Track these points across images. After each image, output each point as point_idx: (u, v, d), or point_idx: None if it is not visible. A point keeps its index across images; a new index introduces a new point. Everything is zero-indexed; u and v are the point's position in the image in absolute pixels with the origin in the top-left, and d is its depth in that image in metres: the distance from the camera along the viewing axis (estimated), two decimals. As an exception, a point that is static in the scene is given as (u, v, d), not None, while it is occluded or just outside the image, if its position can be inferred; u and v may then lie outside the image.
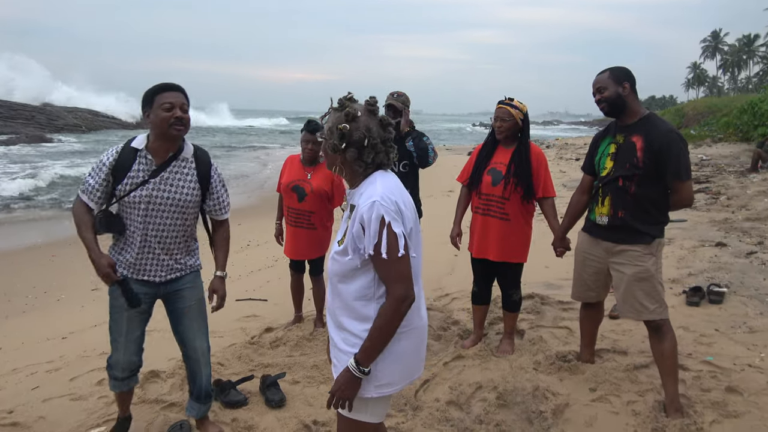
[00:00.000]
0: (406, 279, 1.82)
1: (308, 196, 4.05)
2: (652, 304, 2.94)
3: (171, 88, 2.53)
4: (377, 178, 1.90)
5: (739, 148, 17.03)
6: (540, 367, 3.49)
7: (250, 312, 4.93)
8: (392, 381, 1.93)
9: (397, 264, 1.81)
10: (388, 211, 1.80)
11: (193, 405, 2.91)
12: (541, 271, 5.51)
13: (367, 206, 1.81)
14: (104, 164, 2.56)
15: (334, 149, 1.88)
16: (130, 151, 2.57)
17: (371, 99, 1.94)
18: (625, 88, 2.93)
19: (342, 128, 1.84)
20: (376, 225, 1.79)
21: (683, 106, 39.77)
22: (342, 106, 1.90)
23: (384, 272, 1.83)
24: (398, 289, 1.81)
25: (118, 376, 2.73)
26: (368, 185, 1.89)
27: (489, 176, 3.62)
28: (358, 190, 1.91)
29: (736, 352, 3.62)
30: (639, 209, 2.93)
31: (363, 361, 1.84)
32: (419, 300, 1.97)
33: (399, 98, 4.19)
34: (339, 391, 1.88)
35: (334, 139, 1.87)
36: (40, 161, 20.61)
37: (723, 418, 2.89)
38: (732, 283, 4.94)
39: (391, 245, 1.79)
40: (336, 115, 1.89)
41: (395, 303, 1.81)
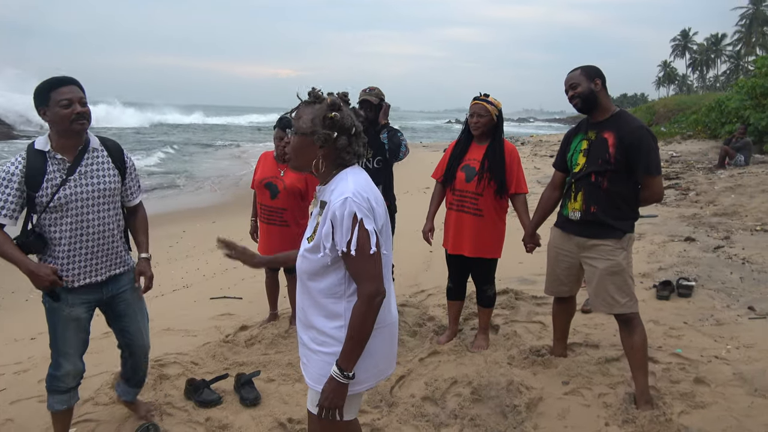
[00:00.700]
0: (377, 276, 1.81)
1: (281, 193, 4.02)
2: (623, 297, 3.00)
3: (65, 82, 2.41)
4: (348, 174, 1.89)
5: (707, 145, 17.43)
6: (514, 362, 3.53)
7: (225, 310, 4.88)
8: (364, 378, 1.92)
9: (369, 261, 1.80)
10: (360, 208, 1.79)
11: (130, 390, 2.95)
12: (515, 266, 5.57)
13: (339, 203, 1.79)
14: (13, 174, 2.38)
15: (326, 140, 1.83)
16: (37, 154, 2.42)
17: (343, 94, 1.93)
18: (597, 85, 2.98)
19: (333, 116, 1.82)
20: (349, 222, 1.77)
21: (654, 104, 40.50)
22: (318, 98, 1.87)
23: (355, 269, 1.82)
24: (369, 287, 1.80)
25: (70, 385, 2.61)
26: (339, 181, 1.87)
27: (462, 173, 3.65)
28: (329, 187, 1.89)
29: (703, 345, 3.71)
30: (611, 205, 2.98)
31: (346, 365, 1.82)
32: (390, 297, 1.96)
33: (372, 93, 4.18)
34: (328, 401, 1.84)
35: (323, 129, 1.82)
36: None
37: (691, 408, 2.96)
38: (700, 276, 5.06)
39: (363, 243, 1.78)
40: (315, 107, 1.85)
41: (367, 300, 1.80)
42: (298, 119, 1.87)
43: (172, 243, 7.95)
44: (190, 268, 6.75)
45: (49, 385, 2.61)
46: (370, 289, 1.80)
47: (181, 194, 13.71)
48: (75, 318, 2.55)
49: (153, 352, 3.78)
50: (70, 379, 2.61)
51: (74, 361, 2.60)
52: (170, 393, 3.27)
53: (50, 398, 2.62)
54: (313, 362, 1.92)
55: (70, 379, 2.61)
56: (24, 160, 2.42)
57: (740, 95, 17.35)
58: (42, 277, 2.34)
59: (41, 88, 2.40)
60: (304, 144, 1.86)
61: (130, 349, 2.84)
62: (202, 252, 7.58)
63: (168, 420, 3.00)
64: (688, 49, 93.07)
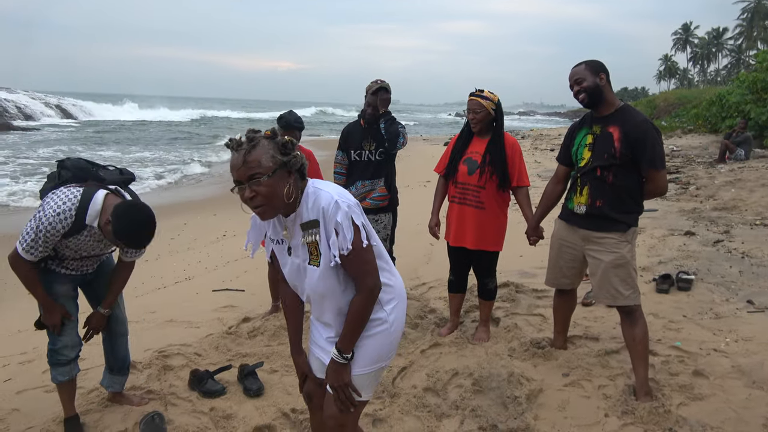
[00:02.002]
0: (374, 269, 1.90)
1: None
2: (627, 290, 3.02)
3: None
4: (310, 187, 1.90)
5: (707, 140, 17.43)
6: (515, 354, 3.56)
7: (227, 302, 4.91)
8: (392, 353, 2.07)
9: (366, 254, 1.88)
10: (350, 206, 1.85)
11: (115, 379, 3.03)
12: (516, 259, 5.60)
13: (332, 208, 1.82)
14: (58, 232, 2.50)
15: (292, 164, 1.83)
16: (82, 222, 2.53)
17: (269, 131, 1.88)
18: (602, 79, 3.00)
19: (289, 140, 1.84)
20: (348, 222, 1.83)
21: (655, 98, 40.44)
22: (254, 138, 1.79)
23: (356, 266, 1.88)
24: (370, 281, 1.89)
25: (69, 356, 2.74)
26: (313, 196, 1.88)
27: (465, 166, 3.67)
28: (304, 207, 1.89)
29: (702, 338, 3.74)
30: (616, 199, 3.00)
31: (346, 348, 1.94)
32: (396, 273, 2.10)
33: (384, 83, 4.17)
34: (337, 380, 1.96)
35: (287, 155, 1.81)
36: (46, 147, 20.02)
37: (690, 400, 2.99)
38: (699, 270, 5.09)
39: (359, 239, 1.85)
40: (261, 146, 1.78)
41: (370, 294, 1.90)
42: (256, 167, 1.76)
43: (173, 235, 7.97)
44: (191, 260, 6.77)
45: (50, 359, 2.76)
46: (369, 282, 1.89)
47: (181, 187, 13.72)
48: (65, 294, 2.75)
49: (157, 344, 3.84)
50: (69, 350, 2.75)
51: (69, 332, 2.75)
52: (174, 384, 3.30)
53: (53, 371, 2.77)
54: (365, 347, 1.98)
55: (69, 350, 2.75)
56: (69, 225, 2.51)
57: (741, 89, 17.33)
58: (52, 318, 2.66)
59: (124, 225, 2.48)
60: (275, 181, 1.79)
61: (115, 328, 2.95)
62: (204, 244, 7.60)
63: (172, 410, 3.03)
64: (690, 43, 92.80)
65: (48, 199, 2.53)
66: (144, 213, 2.51)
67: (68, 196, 2.52)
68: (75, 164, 2.74)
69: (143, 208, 2.53)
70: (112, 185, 2.71)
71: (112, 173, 2.81)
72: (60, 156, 18.02)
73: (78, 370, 2.85)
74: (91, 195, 2.54)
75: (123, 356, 3.04)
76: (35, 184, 12.79)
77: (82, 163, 2.77)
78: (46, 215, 2.46)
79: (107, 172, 2.79)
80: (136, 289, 5.30)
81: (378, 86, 4.09)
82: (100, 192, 2.57)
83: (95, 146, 23.24)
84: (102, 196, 2.55)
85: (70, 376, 2.78)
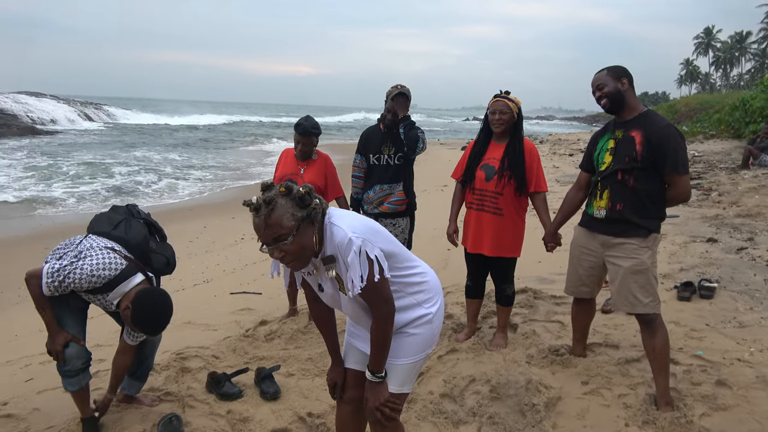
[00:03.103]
0: (387, 299, 1.97)
1: None
2: (646, 297, 2.97)
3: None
4: (330, 221, 1.92)
5: (730, 145, 17.13)
6: (533, 361, 3.52)
7: (245, 305, 4.94)
8: (436, 339, 2.19)
9: (378, 287, 1.92)
10: (364, 241, 1.88)
11: (133, 384, 3.05)
12: (534, 265, 5.55)
13: (345, 246, 1.86)
14: (82, 287, 2.58)
15: (315, 213, 1.86)
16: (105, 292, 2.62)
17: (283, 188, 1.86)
18: (624, 84, 2.97)
19: (306, 191, 1.84)
20: (358, 259, 1.86)
21: (675, 103, 39.90)
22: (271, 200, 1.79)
23: (371, 298, 1.96)
24: (382, 310, 1.98)
25: (77, 367, 2.72)
26: (330, 232, 1.92)
27: (482, 172, 3.65)
28: (328, 245, 1.93)
29: (725, 347, 3.67)
30: (637, 203, 2.96)
31: (378, 369, 2.06)
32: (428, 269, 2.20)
33: (404, 88, 4.17)
34: (377, 399, 2.08)
35: (307, 209, 1.83)
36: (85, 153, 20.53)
37: (712, 411, 2.93)
38: (722, 278, 4.99)
39: (370, 274, 1.89)
40: (279, 206, 1.79)
41: (384, 320, 1.98)
42: (278, 229, 1.78)
43: (192, 238, 8.05)
44: (210, 263, 6.83)
45: (59, 370, 2.75)
46: (382, 311, 1.98)
47: (205, 190, 13.85)
48: (72, 306, 2.74)
49: (175, 346, 3.87)
50: (75, 361, 2.72)
51: (74, 344, 2.72)
52: (192, 386, 3.33)
53: (63, 381, 2.78)
54: (410, 341, 2.11)
55: (75, 361, 2.72)
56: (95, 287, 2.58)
57: (765, 94, 17.02)
58: (54, 344, 2.65)
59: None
60: (301, 237, 1.82)
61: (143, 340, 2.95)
62: (222, 247, 7.66)
63: (190, 412, 3.06)
64: (712, 47, 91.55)
65: (91, 256, 2.59)
66: (162, 306, 2.60)
67: (110, 265, 2.58)
68: (138, 234, 2.82)
69: (163, 300, 2.62)
70: (155, 270, 2.82)
71: (160, 260, 2.89)
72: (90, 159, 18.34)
73: (89, 378, 2.82)
74: (129, 275, 2.62)
75: (147, 365, 3.08)
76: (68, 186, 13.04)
77: (141, 238, 2.82)
78: (81, 270, 2.53)
79: (157, 258, 2.87)
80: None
81: (397, 91, 4.10)
82: (138, 276, 2.65)
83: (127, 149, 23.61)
84: (137, 281, 2.63)
85: (79, 386, 2.76)
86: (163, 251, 2.92)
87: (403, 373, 2.12)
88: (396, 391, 2.12)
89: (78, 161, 17.99)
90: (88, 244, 2.67)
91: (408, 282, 2.09)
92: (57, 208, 11.04)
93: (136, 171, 16.52)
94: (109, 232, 2.78)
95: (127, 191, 13.08)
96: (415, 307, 2.10)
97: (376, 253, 1.90)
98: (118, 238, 2.76)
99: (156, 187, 14.01)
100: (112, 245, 2.70)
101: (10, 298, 5.73)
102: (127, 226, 2.84)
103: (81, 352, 2.73)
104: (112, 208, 3.05)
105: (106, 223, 2.87)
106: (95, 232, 2.82)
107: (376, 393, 2.09)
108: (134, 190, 13.23)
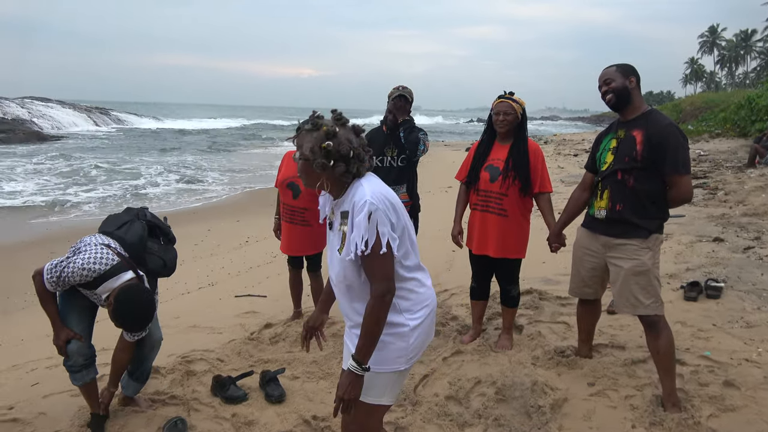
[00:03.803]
0: (388, 276, 1.91)
1: (303, 193, 4.06)
2: (648, 299, 2.95)
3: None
4: (362, 182, 1.96)
5: (736, 144, 17.04)
6: (538, 362, 3.50)
7: (250, 308, 4.94)
8: (418, 352, 2.06)
9: (380, 261, 1.89)
10: (377, 210, 1.87)
11: (132, 384, 3.08)
12: (539, 266, 5.53)
13: (360, 206, 1.87)
14: (75, 281, 2.62)
15: (323, 167, 1.91)
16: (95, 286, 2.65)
17: (335, 112, 1.98)
18: (632, 82, 2.96)
19: (326, 146, 1.89)
20: (366, 223, 1.85)
21: (680, 102, 39.77)
22: (316, 125, 1.93)
23: (368, 269, 1.91)
24: (380, 286, 1.90)
25: (79, 363, 2.79)
26: (357, 189, 1.95)
27: (486, 173, 3.63)
28: (347, 197, 1.96)
29: (733, 347, 3.64)
30: (637, 203, 2.94)
31: (363, 358, 1.92)
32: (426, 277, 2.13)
33: (405, 90, 4.17)
34: (347, 393, 1.92)
35: (320, 158, 1.90)
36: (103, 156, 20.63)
37: (720, 412, 2.91)
38: (729, 278, 4.96)
39: (376, 243, 1.87)
40: (313, 135, 1.92)
41: (379, 299, 1.89)
42: (301, 146, 1.95)
43: (197, 241, 8.07)
44: (215, 266, 6.84)
45: (64, 364, 2.83)
46: (381, 288, 1.89)
47: (206, 192, 13.89)
48: (79, 304, 2.81)
49: (180, 349, 3.88)
50: (76, 357, 2.78)
51: (75, 341, 2.78)
52: (197, 389, 3.33)
53: (69, 375, 2.85)
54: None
55: (76, 357, 2.78)
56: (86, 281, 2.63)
57: (771, 92, 16.94)
58: (57, 338, 2.74)
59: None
60: (308, 167, 1.95)
61: (141, 340, 2.98)
62: (227, 250, 7.68)
63: (195, 415, 3.06)
64: (717, 46, 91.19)
65: (84, 250, 2.66)
66: (141, 302, 2.64)
67: (102, 260, 2.63)
68: (134, 234, 2.86)
69: (142, 297, 2.65)
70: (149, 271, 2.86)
71: (156, 261, 2.93)
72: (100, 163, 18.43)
73: (95, 374, 2.88)
74: (120, 271, 2.66)
75: (147, 368, 3.11)
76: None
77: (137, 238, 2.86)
78: (74, 264, 2.60)
79: (152, 260, 2.91)
80: (160, 295, 5.36)
81: (398, 93, 4.10)
82: (128, 273, 2.69)
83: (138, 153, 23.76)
84: (126, 278, 2.67)
85: (83, 381, 2.84)
86: (162, 254, 2.96)
87: (366, 380, 1.96)
88: (369, 401, 2.02)
89: (89, 165, 18.12)
90: (87, 241, 2.75)
91: (399, 284, 1.98)
92: (58, 213, 11.09)
93: (146, 175, 16.66)
94: (112, 232, 2.86)
95: (136, 195, 13.15)
96: (392, 311, 1.95)
97: (388, 229, 1.89)
98: (117, 237, 2.82)
99: (166, 190, 14.11)
100: (108, 242, 2.75)
101: (16, 303, 5.76)
102: (129, 226, 2.90)
103: (82, 348, 2.79)
104: (125, 209, 3.13)
105: (113, 222, 2.96)
106: (101, 230, 2.92)
107: (351, 386, 1.92)
108: (144, 195, 13.29)
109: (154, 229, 3.02)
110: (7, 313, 5.49)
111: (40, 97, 43.00)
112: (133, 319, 2.66)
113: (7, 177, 15.33)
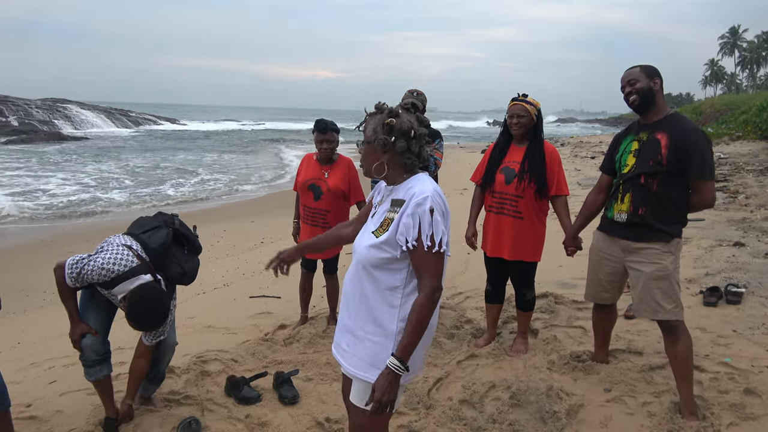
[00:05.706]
0: (439, 273, 1.90)
1: (324, 195, 4.06)
2: (669, 303, 2.90)
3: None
4: (424, 177, 1.99)
5: (758, 146, 16.75)
6: (554, 367, 3.47)
7: (264, 309, 4.96)
8: (419, 366, 2.03)
9: (436, 257, 1.88)
10: (438, 208, 1.89)
11: (148, 386, 3.11)
12: (554, 270, 5.48)
13: (421, 200, 1.87)
14: (93, 279, 2.66)
15: (384, 144, 1.94)
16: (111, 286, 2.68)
17: (405, 103, 2.05)
18: (656, 84, 2.92)
19: (389, 122, 1.93)
20: (429, 218, 1.86)
21: (700, 104, 39.26)
22: (380, 108, 2.00)
23: (423, 264, 1.88)
24: (433, 282, 1.88)
25: (92, 359, 2.83)
26: (417, 181, 1.96)
27: (502, 175, 3.61)
28: (404, 186, 1.97)
29: (754, 354, 3.57)
30: (660, 207, 2.89)
31: (405, 357, 1.85)
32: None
33: (419, 97, 4.16)
34: (386, 395, 1.84)
35: (383, 134, 1.94)
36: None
37: (741, 420, 2.85)
38: (750, 283, 4.87)
39: (435, 239, 1.87)
40: (377, 117, 1.99)
41: (430, 295, 1.87)
42: (365, 130, 2.03)
43: (213, 242, 8.12)
44: (230, 266, 6.88)
45: (80, 359, 2.88)
46: (433, 284, 1.88)
47: (224, 194, 13.99)
48: (98, 302, 2.86)
49: (195, 349, 3.90)
50: (89, 353, 2.82)
51: (92, 337, 2.82)
52: (211, 389, 3.34)
53: (84, 371, 2.90)
54: (360, 348, 1.97)
55: (89, 353, 2.82)
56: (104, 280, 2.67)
57: (794, 94, 16.64)
58: (73, 332, 2.79)
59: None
60: (369, 151, 2.00)
61: (159, 343, 3.00)
62: (242, 251, 7.72)
63: (209, 416, 3.07)
64: (738, 47, 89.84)
65: (106, 249, 2.70)
66: (151, 302, 2.65)
67: (121, 261, 2.67)
68: (157, 240, 2.88)
69: (154, 296, 2.67)
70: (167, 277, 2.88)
71: (175, 269, 2.94)
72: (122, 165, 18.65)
73: (108, 372, 2.91)
74: (137, 274, 2.68)
75: (161, 370, 3.15)
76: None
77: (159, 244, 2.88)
78: (94, 262, 2.64)
79: (172, 266, 2.92)
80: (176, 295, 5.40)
81: (410, 101, 4.08)
82: (146, 276, 2.71)
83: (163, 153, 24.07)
84: (144, 281, 2.69)
85: (97, 377, 2.87)
86: (183, 263, 2.98)
87: (359, 388, 1.96)
88: (356, 404, 1.99)
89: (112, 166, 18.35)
90: (110, 241, 2.79)
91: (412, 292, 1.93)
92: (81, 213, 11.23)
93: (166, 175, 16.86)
94: (138, 234, 2.89)
95: (156, 196, 13.27)
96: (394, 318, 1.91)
97: (444, 227, 1.90)
98: (141, 241, 2.86)
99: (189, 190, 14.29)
100: (130, 244, 2.78)
101: (35, 301, 5.83)
102: (154, 232, 2.93)
103: (95, 344, 2.82)
104: (156, 214, 3.17)
105: (141, 225, 2.99)
106: (128, 231, 2.96)
107: (391, 385, 1.84)
108: (165, 196, 13.43)
109: (180, 237, 3.04)
110: (25, 312, 5.57)
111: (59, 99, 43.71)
112: (146, 314, 2.66)
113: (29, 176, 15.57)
